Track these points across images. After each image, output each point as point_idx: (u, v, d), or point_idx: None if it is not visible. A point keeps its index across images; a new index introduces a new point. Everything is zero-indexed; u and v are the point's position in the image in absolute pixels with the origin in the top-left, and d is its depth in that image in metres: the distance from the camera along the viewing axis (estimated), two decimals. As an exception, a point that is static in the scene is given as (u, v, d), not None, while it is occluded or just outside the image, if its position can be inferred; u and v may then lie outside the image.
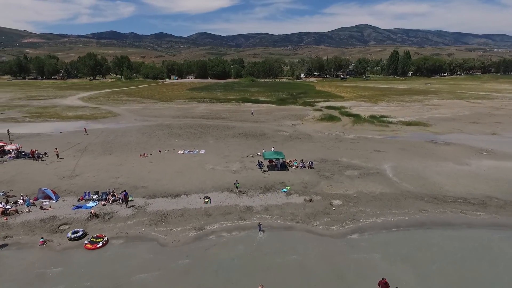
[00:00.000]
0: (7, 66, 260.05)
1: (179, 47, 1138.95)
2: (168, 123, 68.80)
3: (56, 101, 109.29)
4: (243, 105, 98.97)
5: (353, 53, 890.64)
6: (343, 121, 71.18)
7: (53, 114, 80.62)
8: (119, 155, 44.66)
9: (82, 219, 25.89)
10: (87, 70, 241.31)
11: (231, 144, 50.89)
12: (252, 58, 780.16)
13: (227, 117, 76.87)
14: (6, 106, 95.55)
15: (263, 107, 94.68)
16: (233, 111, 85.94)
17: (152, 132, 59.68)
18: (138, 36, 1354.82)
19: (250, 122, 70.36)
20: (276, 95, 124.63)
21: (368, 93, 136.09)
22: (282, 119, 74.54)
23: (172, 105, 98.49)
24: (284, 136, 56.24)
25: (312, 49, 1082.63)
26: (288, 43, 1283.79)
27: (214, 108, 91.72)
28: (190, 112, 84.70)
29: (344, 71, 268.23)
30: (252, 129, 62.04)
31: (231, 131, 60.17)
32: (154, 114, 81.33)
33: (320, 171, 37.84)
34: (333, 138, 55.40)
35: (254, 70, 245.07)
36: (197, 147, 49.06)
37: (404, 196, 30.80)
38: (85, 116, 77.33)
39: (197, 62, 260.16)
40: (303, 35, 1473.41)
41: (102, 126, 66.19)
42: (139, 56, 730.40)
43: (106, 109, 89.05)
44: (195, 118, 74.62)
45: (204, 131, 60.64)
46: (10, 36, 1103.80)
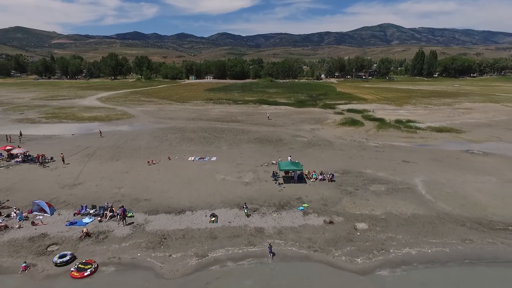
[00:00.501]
0: (33, 67, 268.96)
1: (199, 47, 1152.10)
2: (181, 126, 66.44)
3: (74, 101, 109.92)
4: (260, 107, 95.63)
5: (375, 53, 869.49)
6: (366, 126, 66.41)
7: (69, 115, 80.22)
8: (127, 161, 42.34)
9: (74, 239, 23.30)
10: (109, 70, 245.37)
11: (245, 150, 47.62)
12: (271, 58, 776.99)
13: (243, 120, 73.72)
14: (26, 106, 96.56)
15: (281, 110, 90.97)
16: (249, 114, 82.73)
17: (164, 135, 57.34)
18: (160, 37, 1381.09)
19: (266, 126, 66.89)
20: (295, 97, 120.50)
21: (392, 95, 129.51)
22: (301, 123, 70.60)
23: (188, 107, 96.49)
24: (303, 143, 52.39)
25: (333, 49, 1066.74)
26: (308, 43, 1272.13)
27: (230, 110, 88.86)
28: (205, 114, 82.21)
29: (366, 72, 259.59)
30: (269, 134, 58.55)
31: (246, 136, 56.93)
32: (169, 116, 79.37)
33: (342, 185, 33.88)
34: (355, 145, 51.03)
35: (273, 70, 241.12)
36: (209, 153, 46.12)
37: (441, 219, 26.45)
38: (100, 118, 76.32)
39: (215, 62, 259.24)
40: (324, 34, 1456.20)
41: (115, 128, 64.62)
42: (161, 56, 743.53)
43: (121, 110, 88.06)
44: (210, 121, 71.93)
45: (218, 135, 57.70)
46: (41, 37, 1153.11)
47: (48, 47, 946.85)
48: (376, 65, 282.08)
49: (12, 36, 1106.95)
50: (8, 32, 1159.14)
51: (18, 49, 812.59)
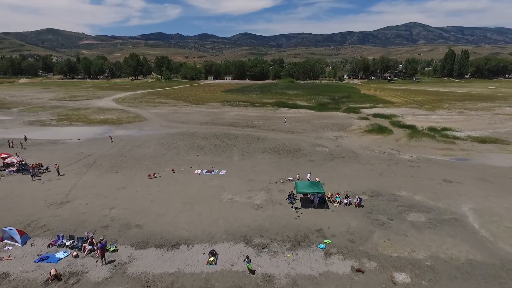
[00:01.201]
0: (58, 67, 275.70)
1: (221, 48, 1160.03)
2: (193, 131, 62.12)
3: (91, 102, 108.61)
4: (279, 111, 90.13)
5: (401, 53, 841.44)
6: (396, 134, 59.57)
7: (80, 117, 77.94)
8: (127, 173, 38.17)
9: (38, 283, 18.90)
10: (130, 70, 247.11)
11: (258, 162, 42.43)
12: (293, 58, 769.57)
13: (259, 125, 68.55)
14: (42, 107, 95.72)
15: (301, 114, 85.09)
16: (266, 118, 77.45)
17: (173, 142, 53.09)
18: (183, 37, 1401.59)
19: (284, 132, 61.40)
20: (316, 99, 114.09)
21: (421, 98, 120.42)
22: (322, 129, 64.61)
23: (203, 109, 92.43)
24: (324, 154, 46.55)
25: (356, 49, 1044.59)
26: (330, 43, 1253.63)
27: (247, 114, 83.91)
28: (220, 118, 77.68)
29: (391, 73, 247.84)
30: (286, 142, 53.06)
31: (261, 144, 51.71)
32: (182, 119, 75.43)
33: (372, 212, 28.03)
34: (385, 158, 44.67)
35: (294, 71, 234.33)
36: (218, 165, 41.29)
37: (508, 271, 20.20)
38: (111, 121, 73.41)
39: (235, 62, 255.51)
40: (347, 34, 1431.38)
41: (123, 132, 61.18)
42: (183, 57, 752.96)
43: (134, 113, 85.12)
44: (224, 126, 67.26)
45: (231, 143, 52.82)
46: (70, 38, 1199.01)
47: (77, 48, 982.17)
48: (401, 66, 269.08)
49: (44, 37, 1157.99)
50: (40, 33, 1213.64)
51: (49, 50, 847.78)
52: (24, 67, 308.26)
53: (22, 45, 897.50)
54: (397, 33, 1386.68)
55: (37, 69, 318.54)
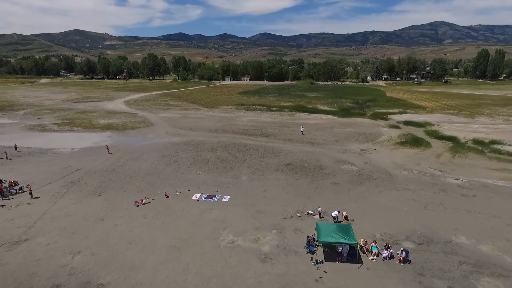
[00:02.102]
0: (78, 67, 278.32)
1: (241, 48, 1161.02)
2: (200, 140, 55.44)
3: (101, 104, 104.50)
4: (297, 116, 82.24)
5: (425, 53, 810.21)
6: (435, 148, 50.56)
7: (85, 121, 73.06)
8: (111, 197, 31.71)
9: None
10: (147, 70, 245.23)
11: (271, 184, 35.02)
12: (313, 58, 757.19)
13: (275, 134, 61.06)
14: (50, 109, 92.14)
15: (322, 120, 76.87)
16: (283, 125, 69.81)
17: (175, 154, 46.51)
18: (204, 37, 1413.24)
19: (303, 144, 53.63)
20: (338, 103, 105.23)
21: (456, 103, 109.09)
22: (347, 139, 56.37)
23: (215, 113, 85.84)
24: (351, 174, 38.54)
25: (378, 49, 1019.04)
26: (351, 43, 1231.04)
27: (262, 119, 76.54)
28: (232, 124, 70.74)
29: (418, 74, 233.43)
30: (305, 157, 45.35)
31: (275, 159, 44.24)
32: (190, 125, 69.05)
33: (425, 274, 20.08)
34: (428, 181, 36.16)
35: (314, 71, 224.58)
36: (222, 187, 34.21)
37: None
38: (115, 126, 67.99)
39: (253, 63, 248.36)
40: (369, 34, 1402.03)
41: (124, 140, 55.30)
42: (203, 57, 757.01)
43: (142, 117, 79.61)
44: (235, 134, 60.22)
45: (240, 156, 45.65)
46: (95, 39, 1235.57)
47: (101, 48, 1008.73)
48: (429, 66, 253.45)
49: (71, 38, 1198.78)
50: (68, 34, 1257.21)
51: (75, 50, 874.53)
52: (47, 67, 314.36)
53: (50, 46, 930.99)
54: (422, 32, 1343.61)
55: (59, 69, 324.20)
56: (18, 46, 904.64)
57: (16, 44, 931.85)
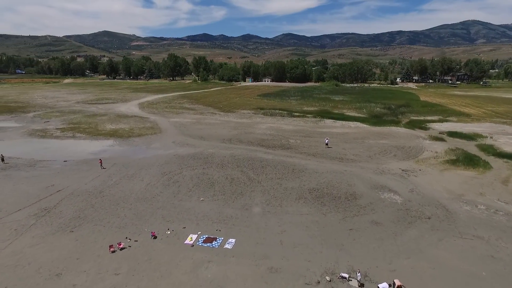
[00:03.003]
0: (101, 67, 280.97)
1: (263, 48, 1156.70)
2: (210, 152, 48.14)
3: (114, 106, 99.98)
4: (322, 123, 73.43)
5: (456, 53, 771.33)
6: (497, 170, 40.57)
7: (90, 126, 67.80)
8: (84, 236, 24.79)
9: None
10: (167, 71, 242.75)
11: (290, 222, 26.99)
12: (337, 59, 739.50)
13: (297, 145, 52.79)
14: (61, 112, 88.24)
15: (350, 128, 67.73)
16: (306, 134, 61.35)
17: (178, 172, 39.37)
18: (227, 38, 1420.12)
19: (330, 160, 45.08)
20: (368, 108, 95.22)
21: (504, 109, 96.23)
22: (383, 155, 47.26)
23: (231, 119, 78.54)
24: (395, 208, 29.76)
25: (405, 49, 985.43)
26: (377, 43, 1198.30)
27: (282, 127, 68.39)
28: (248, 132, 63.11)
29: (453, 75, 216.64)
30: (333, 179, 36.91)
31: (296, 182, 36.08)
32: (202, 133, 62.05)
33: None
34: (504, 225, 26.78)
35: (339, 73, 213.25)
36: (228, 224, 26.57)
37: None
38: (120, 132, 62.10)
39: (274, 63, 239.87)
40: (396, 34, 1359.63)
41: (123, 151, 48.92)
42: (226, 57, 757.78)
43: (152, 122, 73.59)
44: (251, 145, 52.49)
45: (254, 176, 37.85)
46: (123, 40, 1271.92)
47: (128, 49, 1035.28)
48: (465, 67, 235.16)
49: (100, 39, 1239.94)
50: (97, 36, 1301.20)
51: (103, 51, 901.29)
52: (73, 67, 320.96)
53: (80, 47, 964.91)
54: (453, 32, 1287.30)
55: (84, 69, 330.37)
56: (51, 47, 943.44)
57: (49, 45, 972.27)
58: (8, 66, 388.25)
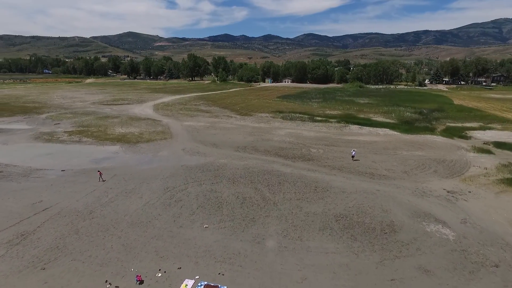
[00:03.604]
0: (122, 67, 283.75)
1: (284, 48, 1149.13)
2: (222, 163, 43.04)
3: (129, 107, 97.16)
4: (347, 130, 66.84)
5: (487, 53, 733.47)
6: None
7: (100, 129, 64.46)
8: (55, 277, 20.10)
9: None
10: (187, 71, 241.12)
11: (312, 265, 21.27)
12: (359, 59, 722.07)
13: (319, 156, 46.78)
14: (74, 113, 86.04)
15: (379, 136, 60.87)
16: (330, 142, 55.12)
17: (183, 188, 34.46)
18: (248, 38, 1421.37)
19: (358, 175, 38.88)
20: (397, 113, 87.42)
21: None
22: (420, 170, 40.51)
23: (248, 123, 73.29)
24: (447, 249, 23.37)
25: (432, 49, 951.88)
26: (402, 43, 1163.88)
27: (303, 133, 62.43)
28: (266, 139, 57.61)
29: (488, 77, 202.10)
30: (364, 202, 30.80)
31: (320, 205, 30.24)
32: (215, 139, 57.14)
33: None
34: None
35: (363, 73, 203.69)
36: (233, 264, 21.22)
37: None
38: (128, 137, 58.20)
39: (295, 63, 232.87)
40: (421, 33, 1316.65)
41: (128, 160, 44.65)
42: (246, 57, 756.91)
43: (164, 125, 69.53)
44: (268, 155, 46.96)
45: (270, 195, 32.33)
46: (146, 40, 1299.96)
47: (151, 49, 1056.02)
48: (500, 68, 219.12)
49: (124, 40, 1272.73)
50: (122, 36, 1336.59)
51: (127, 51, 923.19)
52: (96, 67, 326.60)
53: (106, 47, 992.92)
54: (483, 31, 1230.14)
55: (107, 69, 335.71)
56: (78, 47, 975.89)
57: (77, 46, 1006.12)
58: (36, 66, 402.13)
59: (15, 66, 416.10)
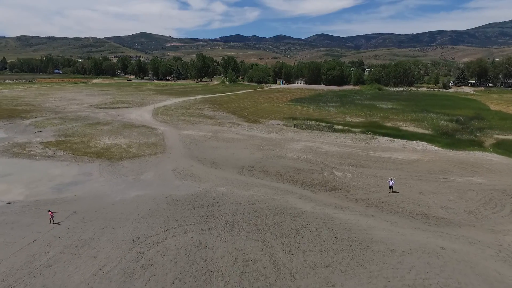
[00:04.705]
0: (130, 68, 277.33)
1: (296, 49, 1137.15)
2: (220, 192, 32.70)
3: (126, 112, 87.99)
4: (375, 143, 55.62)
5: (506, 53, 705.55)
6: None
7: (82, 140, 55.01)
8: None
9: None
10: (195, 71, 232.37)
11: None
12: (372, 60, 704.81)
13: (346, 183, 35.87)
14: (63, 118, 77.22)
15: (417, 153, 49.46)
16: (358, 162, 44.07)
17: (160, 239, 24.24)
18: (259, 39, 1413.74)
19: (406, 217, 27.89)
20: (429, 121, 75.51)
21: None
22: (491, 210, 29.25)
23: (257, 133, 62.86)
24: None
25: (448, 49, 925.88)
26: (416, 44, 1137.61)
27: (322, 147, 51.53)
28: (277, 155, 47.00)
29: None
30: (430, 275, 19.90)
31: (363, 283, 19.48)
32: (216, 155, 46.88)
33: None
34: None
35: (382, 75, 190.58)
36: None
37: None
38: (113, 151, 48.46)
39: (308, 64, 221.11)
40: (436, 34, 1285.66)
41: (99, 187, 34.75)
42: (257, 58, 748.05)
43: (159, 135, 59.77)
44: (280, 180, 36.36)
45: (284, 258, 21.76)
46: (158, 41, 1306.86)
47: (163, 50, 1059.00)
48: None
49: (137, 40, 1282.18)
50: (135, 37, 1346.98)
51: (139, 52, 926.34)
52: (104, 68, 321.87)
53: (119, 48, 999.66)
54: (501, 30, 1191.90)
55: (115, 70, 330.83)
56: (92, 48, 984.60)
57: (91, 46, 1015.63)
58: (47, 66, 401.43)
59: (26, 66, 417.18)
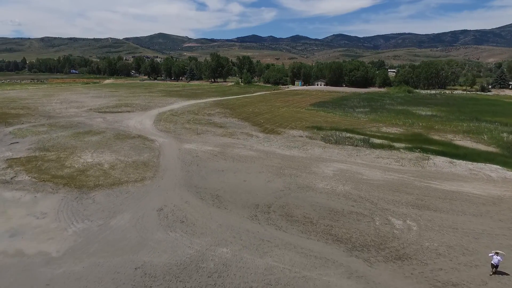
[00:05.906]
0: (143, 68, 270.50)
1: (312, 49, 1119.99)
2: (221, 258, 20.77)
3: (126, 117, 77.61)
4: (430, 165, 42.30)
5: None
6: None
7: (59, 157, 44.37)
8: None
9: None
10: (209, 72, 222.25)
11: None
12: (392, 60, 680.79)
13: (415, 246, 23.16)
14: (52, 125, 67.49)
15: (495, 184, 36.00)
16: (418, 201, 31.15)
17: None
18: (276, 39, 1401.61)
19: None
20: (488, 133, 61.27)
21: None
22: None
23: (275, 148, 50.63)
24: None
25: (471, 49, 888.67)
26: (437, 44, 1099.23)
27: (362, 174, 38.73)
28: (303, 184, 34.64)
29: None
30: None
31: None
32: (222, 183, 35.04)
33: None
34: None
35: (412, 76, 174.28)
36: None
37: None
38: (90, 173, 37.40)
39: (330, 64, 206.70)
40: (459, 33, 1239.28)
41: (50, 236, 23.46)
42: (274, 58, 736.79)
43: (155, 149, 48.52)
44: (311, 236, 24.08)
45: None
46: (176, 42, 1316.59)
47: (180, 50, 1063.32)
48: None
49: (155, 41, 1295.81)
50: (153, 38, 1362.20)
51: (157, 52, 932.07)
52: (119, 68, 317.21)
53: (137, 48, 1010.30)
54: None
55: (129, 70, 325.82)
56: (111, 48, 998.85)
57: (110, 47, 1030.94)
58: (64, 66, 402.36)
59: (44, 66, 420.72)
